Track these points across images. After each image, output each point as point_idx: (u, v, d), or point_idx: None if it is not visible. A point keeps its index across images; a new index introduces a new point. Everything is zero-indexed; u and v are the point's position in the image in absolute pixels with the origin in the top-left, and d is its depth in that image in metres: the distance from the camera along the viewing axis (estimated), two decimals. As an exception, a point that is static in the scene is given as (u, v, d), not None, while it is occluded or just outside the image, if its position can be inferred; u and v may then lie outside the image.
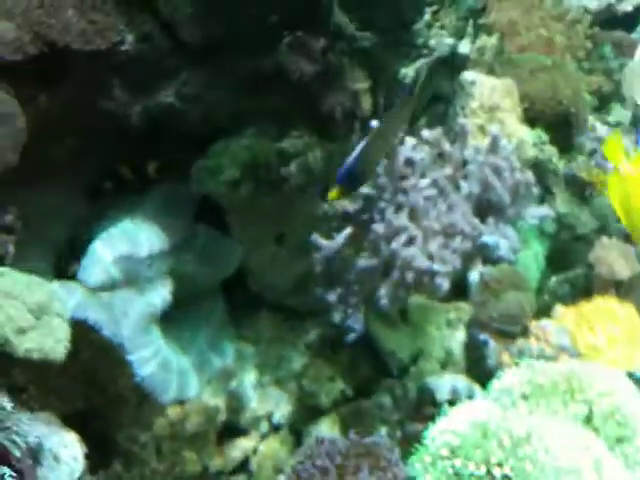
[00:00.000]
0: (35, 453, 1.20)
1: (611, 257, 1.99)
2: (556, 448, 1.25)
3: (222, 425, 1.69)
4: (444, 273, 1.61)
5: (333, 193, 1.43)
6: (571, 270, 2.00)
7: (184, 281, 1.70)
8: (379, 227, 1.61)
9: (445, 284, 1.61)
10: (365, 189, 1.68)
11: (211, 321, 1.77)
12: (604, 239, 2.03)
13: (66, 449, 1.26)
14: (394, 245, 1.60)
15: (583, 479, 1.24)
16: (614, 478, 1.26)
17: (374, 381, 1.75)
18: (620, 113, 2.37)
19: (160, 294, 1.64)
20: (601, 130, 2.29)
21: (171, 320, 1.70)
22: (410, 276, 1.61)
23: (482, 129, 1.96)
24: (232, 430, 1.72)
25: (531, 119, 2.07)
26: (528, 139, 2.02)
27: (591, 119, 2.28)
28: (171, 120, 1.64)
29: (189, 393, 1.63)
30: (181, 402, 1.61)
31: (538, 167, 2.01)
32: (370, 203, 1.67)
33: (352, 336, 1.67)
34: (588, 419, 1.36)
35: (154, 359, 1.57)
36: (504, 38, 2.30)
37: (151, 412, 1.51)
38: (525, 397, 1.39)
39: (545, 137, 2.04)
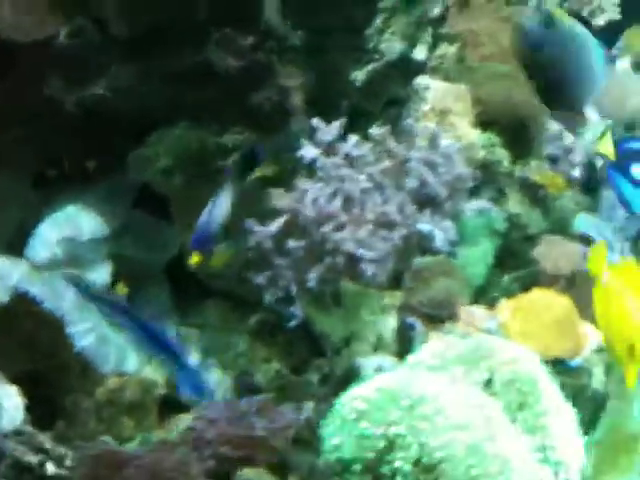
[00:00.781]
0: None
1: (555, 253, 2.06)
2: (450, 407, 1.34)
3: (162, 399, 1.76)
4: (370, 259, 1.69)
5: (194, 259, 1.58)
6: (522, 269, 2.06)
7: (124, 264, 1.80)
8: (310, 211, 1.70)
9: (371, 269, 1.69)
10: (303, 183, 1.76)
11: (154, 306, 1.86)
12: (549, 236, 2.10)
13: (8, 399, 1.36)
14: (324, 229, 1.68)
15: (473, 434, 1.32)
16: (503, 433, 1.34)
17: (309, 362, 1.82)
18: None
19: (100, 275, 1.75)
20: (568, 139, 2.35)
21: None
22: (340, 260, 1.69)
23: (432, 131, 2.02)
24: (173, 405, 1.79)
25: (484, 123, 2.14)
26: (478, 142, 2.08)
27: (560, 128, 2.34)
28: (107, 113, 1.74)
29: (128, 367, 1.72)
30: (121, 375, 1.70)
31: (488, 168, 2.08)
32: (305, 192, 1.75)
33: (293, 323, 1.75)
34: (488, 385, 1.43)
35: (92, 332, 1.67)
36: (466, 48, 2.37)
37: (94, 380, 1.62)
38: (432, 368, 1.47)
39: (496, 140, 2.11)
